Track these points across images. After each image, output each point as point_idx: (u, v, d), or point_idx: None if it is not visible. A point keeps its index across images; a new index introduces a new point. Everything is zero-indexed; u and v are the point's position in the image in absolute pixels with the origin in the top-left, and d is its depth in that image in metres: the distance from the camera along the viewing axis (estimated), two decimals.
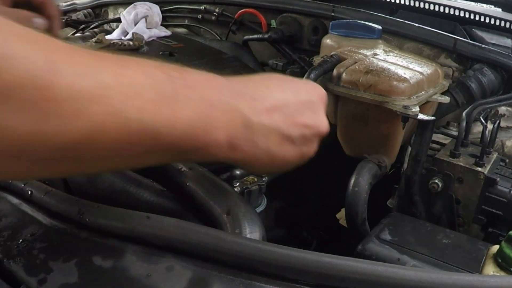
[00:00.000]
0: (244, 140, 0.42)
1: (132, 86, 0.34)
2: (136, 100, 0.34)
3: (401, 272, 0.37)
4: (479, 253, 0.54)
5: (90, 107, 0.32)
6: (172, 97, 0.37)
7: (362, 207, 0.67)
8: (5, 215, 0.47)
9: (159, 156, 0.38)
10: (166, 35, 1.14)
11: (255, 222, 0.47)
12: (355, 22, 0.92)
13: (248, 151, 0.43)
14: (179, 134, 0.37)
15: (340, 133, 0.84)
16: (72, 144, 0.32)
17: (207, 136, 0.39)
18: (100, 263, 0.40)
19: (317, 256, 0.38)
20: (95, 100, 0.32)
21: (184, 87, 0.38)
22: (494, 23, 1.05)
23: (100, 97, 0.32)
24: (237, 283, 0.38)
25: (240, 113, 0.42)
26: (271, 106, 0.44)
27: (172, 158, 0.42)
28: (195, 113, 0.38)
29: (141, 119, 0.34)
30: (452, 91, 0.86)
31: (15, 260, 0.41)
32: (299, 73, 1.02)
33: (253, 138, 0.43)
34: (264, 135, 0.43)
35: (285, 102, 0.46)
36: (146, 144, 0.36)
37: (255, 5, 1.17)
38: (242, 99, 0.43)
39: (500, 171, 0.69)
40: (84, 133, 0.32)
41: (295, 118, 0.46)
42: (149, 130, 0.35)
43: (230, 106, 0.41)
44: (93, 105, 0.32)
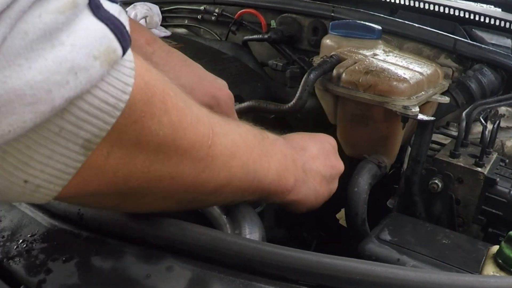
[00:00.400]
0: (302, 182, 0.52)
1: (248, 145, 0.44)
2: (251, 154, 0.44)
3: (401, 272, 0.37)
4: (479, 253, 0.54)
5: (231, 161, 0.41)
6: (267, 152, 0.47)
7: (362, 208, 0.67)
8: (5, 215, 0.47)
9: (252, 197, 0.47)
10: (166, 35, 1.14)
11: (255, 222, 0.47)
12: (355, 22, 0.92)
13: (304, 192, 0.53)
14: (269, 181, 0.47)
15: (340, 134, 0.84)
16: (214, 190, 0.40)
17: (282, 181, 0.49)
18: (100, 263, 0.40)
19: (317, 257, 0.38)
20: (233, 156, 0.41)
21: (271, 144, 0.49)
22: (494, 23, 1.05)
23: (235, 154, 0.41)
24: (237, 283, 0.38)
25: (299, 161, 0.53)
26: (312, 155, 0.56)
27: (256, 198, 0.50)
28: (279, 164, 0.49)
29: (254, 170, 0.44)
30: (452, 91, 0.86)
31: (15, 260, 0.41)
32: (298, 73, 1.02)
33: (307, 180, 0.53)
34: (312, 177, 0.55)
35: (318, 151, 0.57)
36: (252, 188, 0.45)
37: (255, 5, 1.17)
38: (296, 150, 0.54)
39: (500, 171, 0.69)
40: (224, 182, 0.41)
41: (326, 162, 0.57)
42: (257, 178, 0.45)
43: (293, 156, 0.52)
44: (233, 160, 0.41)
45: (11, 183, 0.28)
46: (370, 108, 0.76)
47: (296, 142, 0.56)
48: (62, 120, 0.27)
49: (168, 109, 0.33)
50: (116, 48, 0.27)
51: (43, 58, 0.24)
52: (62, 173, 0.29)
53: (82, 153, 0.29)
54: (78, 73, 0.25)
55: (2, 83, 0.23)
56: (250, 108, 0.82)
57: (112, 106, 0.28)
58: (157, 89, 0.32)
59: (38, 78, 0.24)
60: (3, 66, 0.23)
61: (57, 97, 0.25)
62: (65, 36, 0.25)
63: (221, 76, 0.97)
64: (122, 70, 0.29)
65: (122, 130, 0.30)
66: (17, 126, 0.25)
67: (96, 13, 0.27)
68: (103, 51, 0.26)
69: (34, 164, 0.27)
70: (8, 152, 0.26)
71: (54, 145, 0.27)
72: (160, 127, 0.32)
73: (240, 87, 0.99)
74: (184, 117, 0.35)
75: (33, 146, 0.27)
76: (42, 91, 0.24)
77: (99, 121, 0.28)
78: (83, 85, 0.26)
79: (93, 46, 0.26)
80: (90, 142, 0.28)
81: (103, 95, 0.28)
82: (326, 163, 0.57)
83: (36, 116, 0.25)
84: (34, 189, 0.29)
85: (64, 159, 0.28)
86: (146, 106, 0.31)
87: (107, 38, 0.27)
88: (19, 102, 0.24)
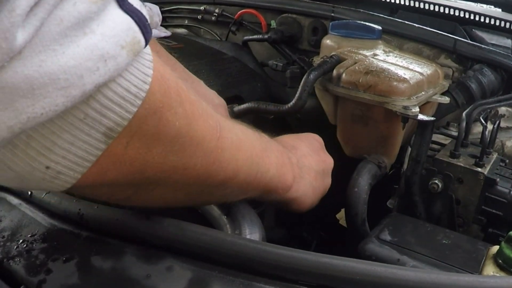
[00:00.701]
0: (299, 178, 0.54)
1: (250, 140, 0.46)
2: (254, 149, 0.46)
3: (401, 272, 0.37)
4: (479, 253, 0.54)
5: (237, 154, 0.42)
6: (266, 147, 0.49)
7: (362, 208, 0.67)
8: (5, 215, 0.47)
9: (255, 193, 0.49)
10: (166, 35, 1.14)
11: (255, 222, 0.47)
12: (355, 22, 0.92)
13: (302, 188, 0.54)
14: (271, 176, 0.48)
15: (340, 134, 0.84)
16: (222, 182, 0.42)
17: (282, 177, 0.51)
18: (100, 263, 0.40)
19: (317, 257, 0.38)
20: (239, 149, 0.43)
21: (268, 142, 0.51)
22: (494, 23, 1.05)
23: (240, 147, 0.43)
24: (237, 283, 0.38)
25: (293, 159, 0.55)
26: (303, 153, 0.58)
27: (257, 197, 0.51)
28: (277, 160, 0.50)
29: (257, 164, 0.46)
30: (452, 91, 0.86)
31: (15, 260, 0.41)
32: (298, 73, 1.02)
33: (303, 176, 0.55)
34: (307, 173, 0.56)
35: (308, 148, 0.60)
36: (255, 182, 0.47)
37: (255, 5, 1.17)
38: (288, 149, 0.56)
39: (500, 171, 0.69)
40: (231, 174, 0.42)
41: (317, 158, 0.60)
42: (260, 172, 0.46)
43: (287, 154, 0.54)
44: (239, 153, 0.43)
45: (33, 169, 0.28)
46: (370, 108, 0.76)
47: (286, 142, 0.58)
48: (88, 107, 0.28)
49: (183, 101, 0.35)
50: (140, 39, 0.29)
51: (76, 45, 0.25)
52: (83, 160, 0.30)
53: (103, 141, 0.29)
54: (107, 60, 0.27)
55: (38, 66, 0.24)
56: (250, 110, 0.82)
57: (133, 95, 0.29)
58: (171, 82, 0.34)
59: (71, 63, 0.25)
60: (39, 50, 0.24)
61: (88, 83, 0.26)
62: (96, 25, 0.26)
63: (221, 76, 0.97)
64: (142, 61, 0.30)
65: (142, 120, 0.31)
66: (49, 109, 0.25)
67: (122, 5, 0.28)
68: (129, 42, 0.28)
69: (57, 150, 0.28)
70: (33, 137, 0.27)
71: (78, 131, 0.28)
72: (176, 118, 0.34)
73: (240, 87, 0.99)
74: (196, 109, 0.37)
75: (57, 131, 0.28)
76: (75, 76, 0.25)
77: (122, 109, 0.29)
78: (111, 72, 0.27)
79: (120, 36, 0.27)
80: (111, 131, 0.29)
81: (126, 84, 0.29)
82: (317, 159, 0.59)
83: (68, 100, 0.26)
84: (55, 175, 0.29)
85: (86, 146, 0.29)
86: (163, 97, 0.32)
87: (132, 29, 0.28)
88: (53, 86, 0.25)
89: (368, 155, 0.75)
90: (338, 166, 0.79)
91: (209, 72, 0.96)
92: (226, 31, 1.24)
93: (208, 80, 0.93)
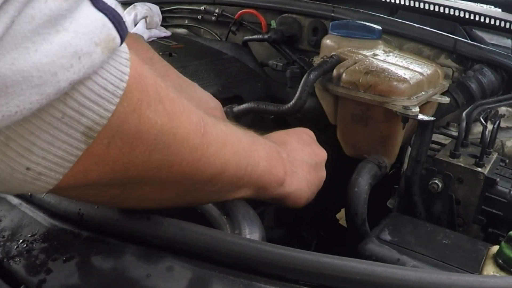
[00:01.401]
0: (291, 172, 0.53)
1: (235, 134, 0.46)
2: (241, 143, 0.45)
3: (401, 272, 0.37)
4: (479, 253, 0.54)
5: (223, 148, 0.42)
6: (254, 142, 0.49)
7: (362, 208, 0.67)
8: (5, 215, 0.47)
9: (248, 189, 0.49)
10: (166, 35, 1.14)
11: (255, 222, 0.47)
12: (355, 22, 0.92)
13: (296, 183, 0.54)
14: (261, 170, 0.48)
15: (340, 134, 0.84)
16: (210, 178, 0.42)
17: (273, 171, 0.50)
18: (100, 263, 0.40)
19: (317, 257, 0.38)
20: (225, 144, 0.42)
21: (255, 137, 0.51)
22: (494, 23, 1.05)
23: (226, 142, 0.43)
24: (237, 283, 0.38)
25: (283, 153, 0.54)
26: (293, 147, 0.57)
27: (253, 193, 0.51)
28: (266, 154, 0.50)
29: (246, 158, 0.46)
30: (452, 91, 0.86)
31: (15, 260, 0.41)
32: (298, 73, 1.02)
33: (296, 170, 0.54)
34: (299, 166, 0.55)
35: (298, 142, 0.59)
36: (246, 177, 0.46)
37: (255, 5, 1.17)
38: (277, 145, 0.55)
39: (500, 171, 0.69)
40: (219, 169, 0.42)
41: (308, 151, 0.59)
42: (249, 166, 0.46)
43: (276, 149, 0.54)
44: (225, 147, 0.42)
45: (13, 171, 0.28)
46: (370, 108, 0.76)
47: (275, 138, 0.58)
48: (65, 106, 0.28)
49: (162, 98, 0.34)
50: (115, 37, 0.29)
51: (49, 42, 0.25)
52: (64, 160, 0.29)
53: (83, 140, 0.29)
54: (82, 57, 0.27)
55: (10, 64, 0.24)
56: (250, 110, 0.81)
57: (111, 93, 0.29)
58: (149, 80, 0.34)
59: (44, 60, 0.25)
60: (11, 49, 0.24)
61: (62, 80, 0.26)
62: (68, 23, 0.26)
63: (221, 76, 0.97)
64: (118, 59, 0.30)
65: (122, 119, 0.31)
66: (24, 107, 0.25)
67: (95, 3, 0.28)
68: (103, 39, 0.28)
69: (37, 151, 0.28)
70: (11, 138, 0.27)
71: (56, 131, 0.28)
72: (157, 116, 0.34)
73: (240, 87, 0.99)
74: (176, 106, 0.36)
75: (35, 131, 0.27)
76: (48, 73, 0.25)
77: (100, 108, 0.29)
78: (85, 69, 0.27)
79: (94, 34, 0.27)
80: (91, 130, 0.29)
81: (102, 81, 0.29)
82: (308, 152, 0.59)
83: (42, 98, 0.26)
84: (36, 176, 0.29)
85: (65, 146, 0.29)
86: (142, 95, 0.32)
87: (107, 26, 0.28)
88: (26, 84, 0.25)
89: (368, 155, 0.75)
90: (338, 166, 0.79)
91: (209, 72, 0.96)
92: (226, 31, 1.24)
93: (208, 80, 0.93)
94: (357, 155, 0.80)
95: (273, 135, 0.60)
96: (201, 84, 0.91)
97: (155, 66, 0.66)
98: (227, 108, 0.82)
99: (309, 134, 0.63)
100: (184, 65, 0.92)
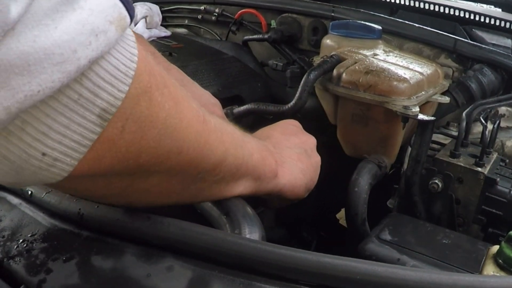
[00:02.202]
0: (282, 162, 0.54)
1: (228, 125, 0.47)
2: (234, 133, 0.46)
3: (401, 272, 0.37)
4: (479, 253, 0.54)
5: (222, 136, 0.43)
6: (244, 134, 0.49)
7: (362, 208, 0.67)
8: (5, 215, 0.47)
9: (245, 182, 0.49)
10: (166, 35, 1.14)
11: (255, 222, 0.47)
12: (355, 22, 0.92)
13: (289, 172, 0.54)
14: (256, 160, 0.49)
15: (340, 134, 0.84)
16: (214, 166, 0.42)
17: (266, 162, 0.51)
18: (100, 263, 0.40)
19: (317, 257, 0.38)
20: (222, 132, 0.43)
21: (242, 131, 0.50)
22: (494, 23, 1.05)
23: (223, 130, 0.44)
24: (237, 283, 0.38)
25: (269, 146, 0.55)
26: (277, 139, 0.58)
27: (250, 186, 0.51)
28: (256, 146, 0.51)
29: (241, 147, 0.47)
30: (452, 91, 0.86)
31: (15, 260, 0.41)
32: (299, 73, 1.02)
33: (285, 160, 0.55)
34: (288, 156, 0.56)
35: (282, 134, 0.60)
36: (243, 167, 0.47)
37: (255, 5, 1.17)
38: (262, 139, 0.56)
39: (500, 171, 0.69)
40: (221, 157, 0.43)
41: (294, 140, 0.60)
42: (245, 155, 0.47)
43: (262, 143, 0.54)
44: (223, 135, 0.43)
45: (29, 156, 0.28)
46: (370, 108, 0.76)
47: (258, 135, 0.59)
48: (81, 87, 0.28)
49: (166, 82, 0.35)
50: (125, 15, 0.29)
51: (67, 19, 0.25)
52: (79, 145, 0.29)
53: (98, 123, 0.29)
54: (98, 35, 0.27)
55: (32, 42, 0.24)
56: (250, 111, 0.81)
57: (123, 74, 0.30)
58: (153, 64, 0.34)
59: (65, 37, 0.25)
60: (32, 26, 0.24)
61: (82, 57, 0.26)
62: (83, 1, 0.26)
63: (221, 76, 0.97)
64: (127, 41, 0.30)
65: (135, 101, 0.31)
66: (46, 86, 0.25)
67: None
68: (116, 17, 0.28)
69: (53, 135, 0.28)
70: (27, 122, 0.27)
71: (73, 113, 0.28)
72: (164, 99, 0.34)
73: (240, 87, 0.99)
74: (179, 92, 0.37)
75: (52, 114, 0.27)
76: (69, 50, 0.26)
77: (114, 88, 0.29)
78: (103, 47, 0.27)
79: (107, 12, 0.28)
80: (106, 112, 0.29)
81: (115, 62, 0.29)
82: (294, 141, 0.60)
83: (64, 76, 0.26)
84: (51, 162, 0.29)
85: (81, 129, 0.29)
86: (150, 77, 0.33)
87: (118, 5, 0.28)
88: (48, 61, 0.25)
89: (368, 155, 0.75)
90: (339, 166, 0.79)
91: (209, 72, 0.96)
92: (226, 31, 1.24)
93: (208, 80, 0.93)
94: (357, 155, 0.80)
95: (256, 133, 0.60)
96: (201, 84, 0.91)
97: (157, 60, 0.67)
98: (227, 110, 0.82)
99: (294, 124, 0.64)
100: (184, 65, 0.92)
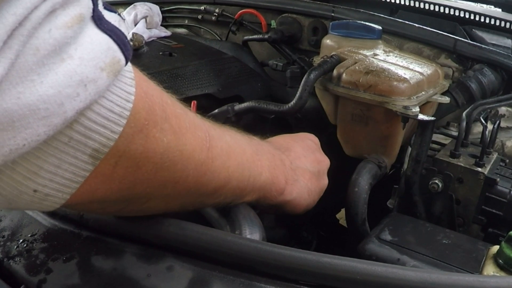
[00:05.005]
0: (292, 180, 0.53)
1: (240, 145, 0.46)
2: (245, 154, 0.45)
3: (401, 272, 0.37)
4: (479, 253, 0.54)
5: (228, 161, 0.42)
6: (258, 151, 0.49)
7: (362, 208, 0.67)
8: (5, 215, 0.47)
9: (249, 198, 0.48)
10: (166, 35, 1.14)
11: (255, 222, 0.47)
12: (355, 22, 0.92)
13: (296, 191, 0.53)
14: (264, 179, 0.48)
15: (340, 134, 0.84)
16: (214, 191, 0.42)
17: (275, 180, 0.50)
18: (100, 263, 0.40)
19: (317, 257, 0.38)
20: (229, 156, 0.42)
21: (259, 145, 0.51)
22: (494, 23, 1.05)
23: (231, 154, 0.43)
24: (237, 283, 0.38)
25: (286, 161, 0.54)
26: (297, 154, 0.57)
27: (253, 200, 0.50)
28: (269, 163, 0.50)
29: (249, 169, 0.45)
30: (452, 91, 0.86)
31: (15, 260, 0.41)
32: (299, 73, 1.02)
33: (297, 178, 0.54)
34: (302, 174, 0.55)
35: (302, 149, 0.59)
36: (248, 187, 0.46)
37: (255, 5, 1.17)
38: (281, 151, 0.55)
39: (500, 171, 0.69)
40: (223, 182, 0.42)
41: (312, 158, 0.58)
42: (252, 176, 0.46)
43: (280, 156, 0.53)
44: (229, 160, 0.42)
45: (20, 192, 0.28)
46: (370, 108, 0.76)
47: (279, 144, 0.57)
48: (71, 130, 0.27)
49: (168, 116, 0.34)
50: (120, 59, 0.28)
51: (54, 73, 0.25)
52: (71, 181, 0.29)
53: (90, 162, 0.29)
54: (87, 85, 0.26)
55: (16, 99, 0.24)
56: (250, 109, 0.81)
57: (117, 115, 0.29)
58: (156, 97, 0.33)
59: (50, 92, 0.25)
60: (16, 83, 0.24)
61: (68, 110, 0.26)
62: (73, 50, 0.26)
63: (221, 76, 0.97)
64: (124, 80, 0.29)
65: (130, 139, 0.30)
66: (31, 140, 0.25)
67: (99, 24, 0.27)
68: (108, 62, 0.27)
69: (43, 174, 0.28)
70: (18, 163, 0.27)
71: (63, 154, 0.28)
72: (163, 134, 0.33)
73: (240, 87, 0.99)
74: (182, 123, 0.36)
75: (42, 156, 0.27)
76: (55, 104, 0.25)
77: (106, 130, 0.29)
78: (92, 96, 0.27)
79: (99, 58, 0.27)
80: (98, 152, 0.29)
81: (108, 104, 0.28)
82: (312, 159, 0.58)
83: (50, 129, 0.25)
84: (43, 197, 0.29)
85: (72, 168, 0.29)
86: (148, 114, 0.32)
87: (112, 49, 0.28)
88: (33, 117, 0.24)
89: (368, 155, 0.75)
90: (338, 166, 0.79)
91: (209, 72, 0.96)
92: (226, 31, 1.24)
93: (208, 80, 0.93)
94: (357, 155, 0.80)
95: (278, 139, 0.59)
96: (201, 84, 0.91)
97: None
98: (228, 107, 0.82)
99: (314, 140, 0.63)
100: (184, 65, 0.92)
